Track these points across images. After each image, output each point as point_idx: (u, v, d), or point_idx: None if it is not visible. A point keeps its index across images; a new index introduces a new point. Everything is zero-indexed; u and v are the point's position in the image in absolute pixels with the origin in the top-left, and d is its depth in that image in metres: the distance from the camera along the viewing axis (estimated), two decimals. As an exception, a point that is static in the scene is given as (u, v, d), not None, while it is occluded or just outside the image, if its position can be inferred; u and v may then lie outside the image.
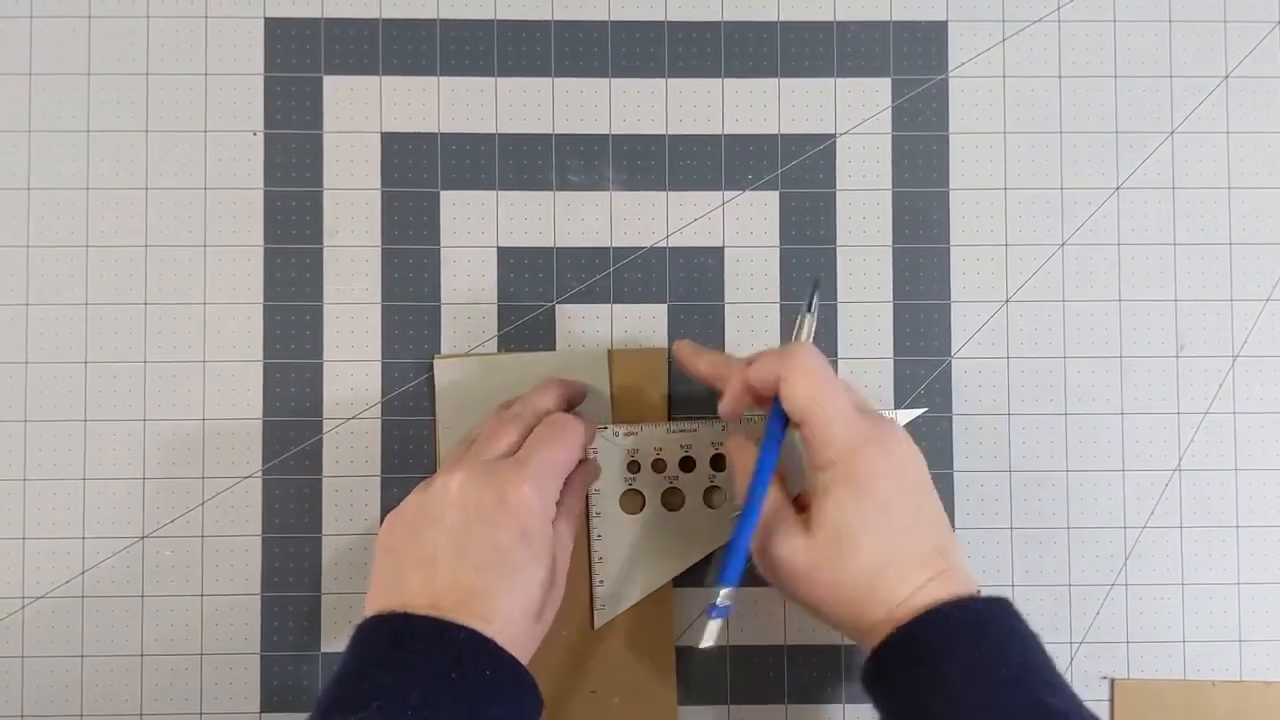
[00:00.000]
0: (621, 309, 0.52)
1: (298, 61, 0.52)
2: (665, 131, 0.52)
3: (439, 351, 0.51)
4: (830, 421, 0.41)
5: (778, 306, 0.52)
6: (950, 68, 0.53)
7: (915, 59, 0.53)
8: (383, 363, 0.51)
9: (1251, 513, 0.52)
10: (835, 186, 0.52)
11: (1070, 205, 0.53)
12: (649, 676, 0.50)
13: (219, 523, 0.50)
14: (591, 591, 0.50)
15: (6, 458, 0.50)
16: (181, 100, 0.52)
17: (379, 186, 0.52)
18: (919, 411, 0.52)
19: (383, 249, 0.52)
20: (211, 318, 0.51)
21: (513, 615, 0.41)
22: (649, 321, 0.52)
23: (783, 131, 0.52)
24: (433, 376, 0.51)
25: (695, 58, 0.52)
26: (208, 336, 0.51)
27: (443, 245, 0.52)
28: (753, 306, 0.52)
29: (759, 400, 0.44)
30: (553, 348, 0.51)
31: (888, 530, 0.41)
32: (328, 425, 0.51)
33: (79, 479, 0.50)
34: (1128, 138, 0.53)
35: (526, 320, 0.52)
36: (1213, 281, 0.53)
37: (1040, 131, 0.53)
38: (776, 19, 0.53)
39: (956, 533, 0.51)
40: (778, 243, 0.52)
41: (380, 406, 0.51)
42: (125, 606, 0.50)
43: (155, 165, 0.51)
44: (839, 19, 0.53)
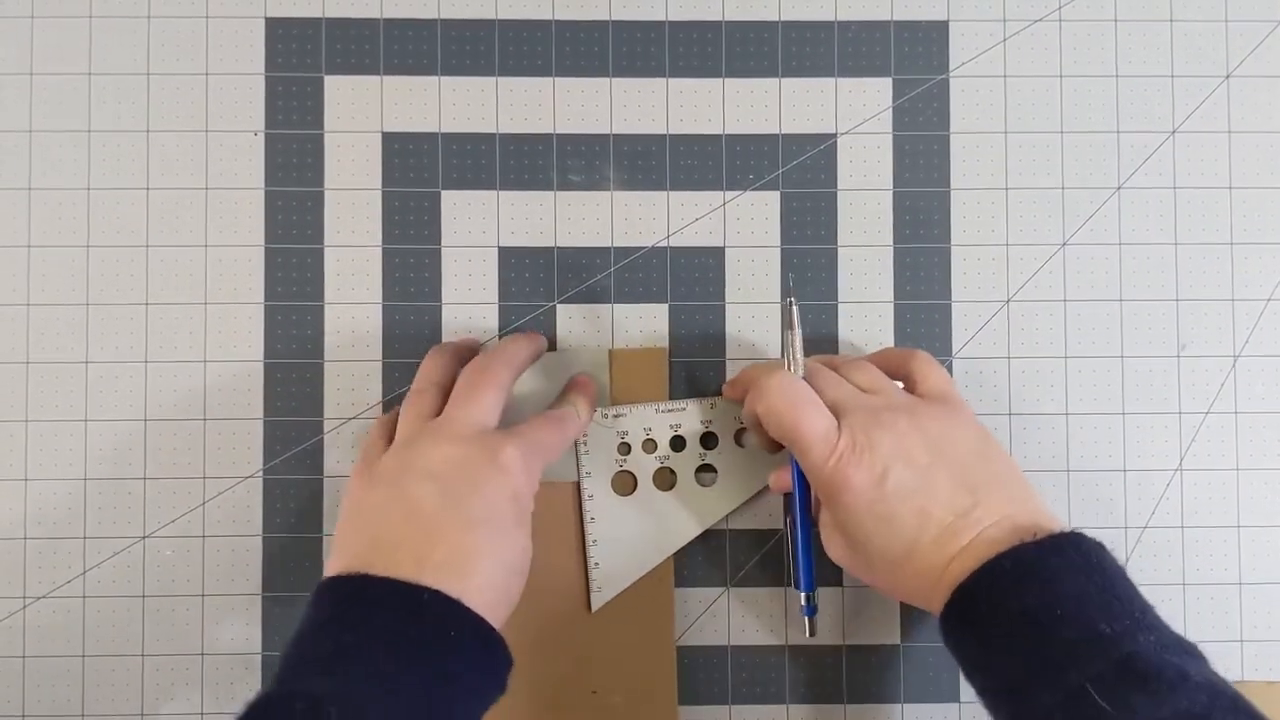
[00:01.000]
0: (622, 309, 0.52)
1: (299, 61, 0.52)
2: (666, 131, 0.52)
3: (440, 351, 0.51)
4: (803, 451, 0.43)
5: (778, 307, 0.52)
6: (951, 67, 0.53)
7: (916, 59, 0.53)
8: (383, 363, 0.51)
9: (1253, 513, 0.52)
10: (836, 186, 0.52)
11: (1071, 205, 0.53)
12: (650, 676, 0.50)
13: (220, 523, 0.51)
14: (588, 575, 0.50)
15: (8, 457, 0.50)
16: (182, 100, 0.52)
17: (380, 186, 0.52)
18: None
19: (383, 249, 0.52)
20: (212, 318, 0.51)
21: (494, 576, 0.40)
22: (650, 321, 0.52)
23: (783, 131, 0.52)
24: None
25: (696, 57, 0.52)
26: (209, 336, 0.51)
27: (444, 245, 0.52)
28: (754, 306, 0.52)
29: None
30: (554, 347, 0.51)
31: (889, 526, 0.42)
32: (328, 425, 0.51)
33: (80, 479, 0.50)
34: (1129, 137, 0.53)
35: (527, 320, 0.52)
36: (1214, 281, 0.52)
37: (1041, 131, 0.53)
38: (777, 19, 0.53)
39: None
40: (779, 243, 0.52)
41: (381, 406, 0.51)
42: (126, 606, 0.50)
43: (156, 165, 0.51)
44: (840, 19, 0.53)
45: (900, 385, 0.47)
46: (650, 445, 0.50)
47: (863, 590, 0.51)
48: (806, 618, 0.48)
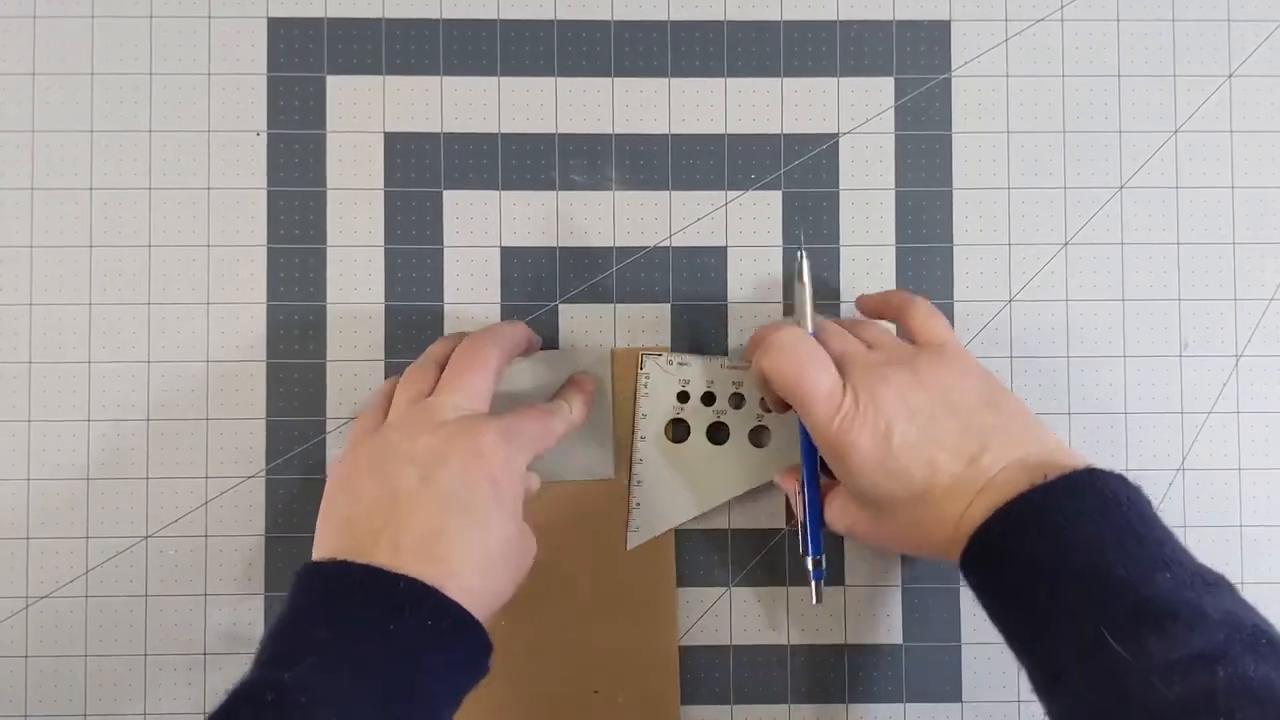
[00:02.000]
0: (624, 309, 0.52)
1: (301, 61, 0.52)
2: (668, 131, 0.52)
3: (442, 351, 0.51)
4: (807, 411, 0.43)
5: (781, 307, 0.52)
6: (953, 67, 0.53)
7: (918, 58, 0.53)
8: (386, 362, 0.51)
9: (1255, 512, 0.52)
10: (838, 186, 0.52)
11: (1073, 205, 0.53)
12: (652, 676, 0.50)
13: (223, 522, 0.51)
14: (628, 514, 0.50)
15: (10, 457, 0.50)
16: (184, 100, 0.52)
17: (382, 186, 0.52)
18: None
19: (385, 249, 0.52)
20: (215, 317, 0.51)
21: (472, 562, 0.40)
22: (652, 321, 0.52)
23: (785, 131, 0.52)
24: None
25: (698, 57, 0.52)
26: (211, 336, 0.51)
27: (446, 245, 0.52)
28: (756, 306, 0.52)
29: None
30: (556, 347, 0.51)
31: (900, 481, 0.42)
32: (331, 425, 0.51)
33: (83, 479, 0.50)
34: (1131, 137, 0.53)
35: (529, 320, 0.52)
36: (1216, 281, 0.52)
37: (1043, 131, 0.53)
38: (779, 18, 0.53)
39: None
40: (780, 242, 0.52)
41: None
42: (129, 606, 0.50)
43: (158, 165, 0.51)
44: (842, 18, 0.53)
45: (893, 329, 0.48)
46: (709, 398, 0.50)
47: (865, 589, 0.51)
48: (814, 582, 0.48)
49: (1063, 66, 0.53)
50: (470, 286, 0.52)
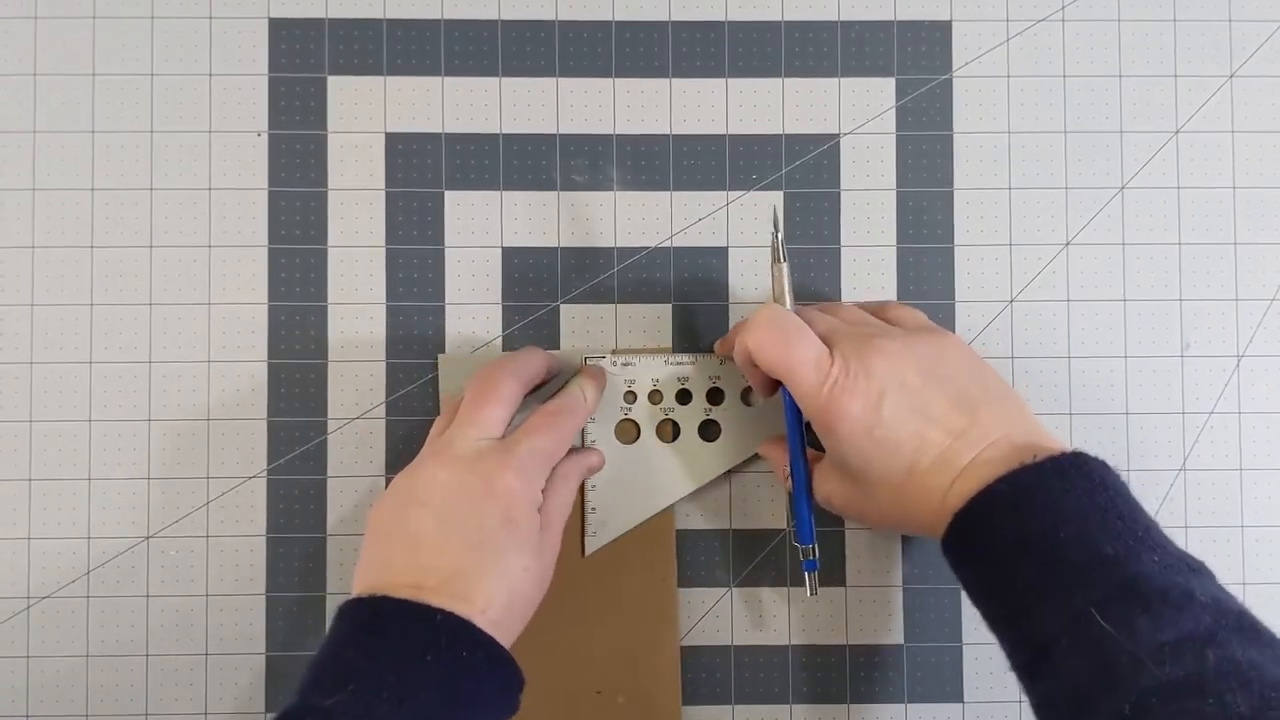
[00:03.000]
0: (626, 309, 0.52)
1: (302, 62, 0.52)
2: (669, 131, 0.52)
3: (443, 352, 0.51)
4: (796, 381, 0.43)
5: (782, 306, 0.52)
6: (955, 67, 0.53)
7: (920, 59, 0.53)
8: (387, 363, 0.51)
9: (1256, 513, 0.52)
10: (839, 186, 0.52)
11: (1075, 205, 0.53)
12: (654, 677, 0.50)
13: (224, 523, 0.51)
14: (584, 519, 0.50)
15: (12, 458, 0.50)
16: (186, 101, 0.52)
17: (383, 187, 0.52)
18: None
19: (387, 249, 0.52)
20: (216, 318, 0.51)
21: (495, 598, 0.41)
22: (653, 321, 0.52)
23: (787, 131, 0.52)
24: (437, 376, 0.51)
25: (699, 57, 0.52)
26: (212, 337, 0.51)
27: (447, 245, 0.52)
28: (757, 306, 0.52)
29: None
30: (557, 348, 0.51)
31: (887, 451, 0.42)
32: (332, 425, 0.51)
33: (84, 479, 0.51)
34: (1132, 137, 0.53)
35: (530, 320, 0.52)
36: (1218, 281, 0.52)
37: (1045, 131, 0.53)
38: (780, 19, 0.53)
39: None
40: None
41: (385, 406, 0.51)
42: (130, 606, 0.50)
43: (159, 166, 0.51)
44: (843, 19, 0.53)
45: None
46: (656, 396, 0.50)
47: (866, 589, 0.51)
48: (807, 574, 0.47)
49: (1064, 67, 0.53)
50: (471, 287, 0.52)
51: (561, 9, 0.52)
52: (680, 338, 0.52)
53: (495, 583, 0.41)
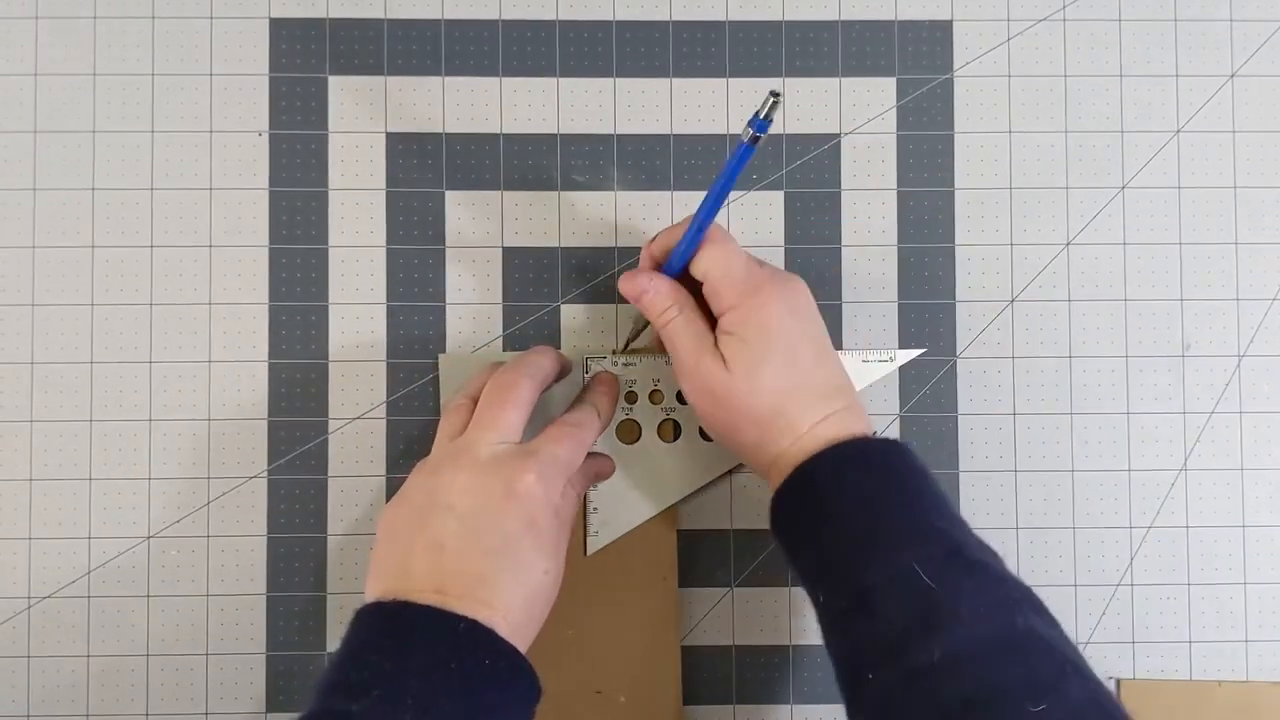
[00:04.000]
0: (626, 309, 0.52)
1: (303, 62, 0.52)
2: (670, 131, 0.52)
3: (444, 352, 0.51)
4: (729, 270, 0.44)
5: (783, 306, 0.52)
6: (955, 67, 0.53)
7: (920, 58, 0.53)
8: (388, 363, 0.51)
9: (1257, 512, 0.52)
10: (840, 186, 0.52)
11: (1075, 205, 0.53)
12: (654, 676, 0.50)
13: (224, 523, 0.51)
14: (585, 519, 0.50)
15: (13, 458, 0.50)
16: (187, 101, 0.52)
17: (384, 187, 0.52)
18: (918, 351, 0.52)
19: (388, 249, 0.52)
20: (217, 318, 0.51)
21: (516, 603, 0.41)
22: (654, 321, 0.52)
23: (788, 131, 0.52)
24: (438, 376, 0.51)
25: (700, 57, 0.52)
26: (213, 337, 0.51)
27: (448, 245, 0.52)
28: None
29: (659, 267, 0.46)
30: (558, 348, 0.51)
31: (790, 362, 0.43)
32: (333, 425, 0.51)
33: (85, 479, 0.51)
34: (1133, 137, 0.53)
35: (531, 320, 0.52)
36: (1218, 281, 0.52)
37: (1045, 131, 0.53)
38: (781, 18, 0.53)
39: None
40: (783, 242, 0.52)
41: (385, 406, 0.51)
42: (131, 606, 0.50)
43: (160, 166, 0.51)
44: (844, 18, 0.53)
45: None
46: (657, 396, 0.50)
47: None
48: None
49: (1064, 66, 0.53)
50: (472, 287, 0.52)
51: (562, 9, 0.52)
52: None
53: (516, 587, 0.41)
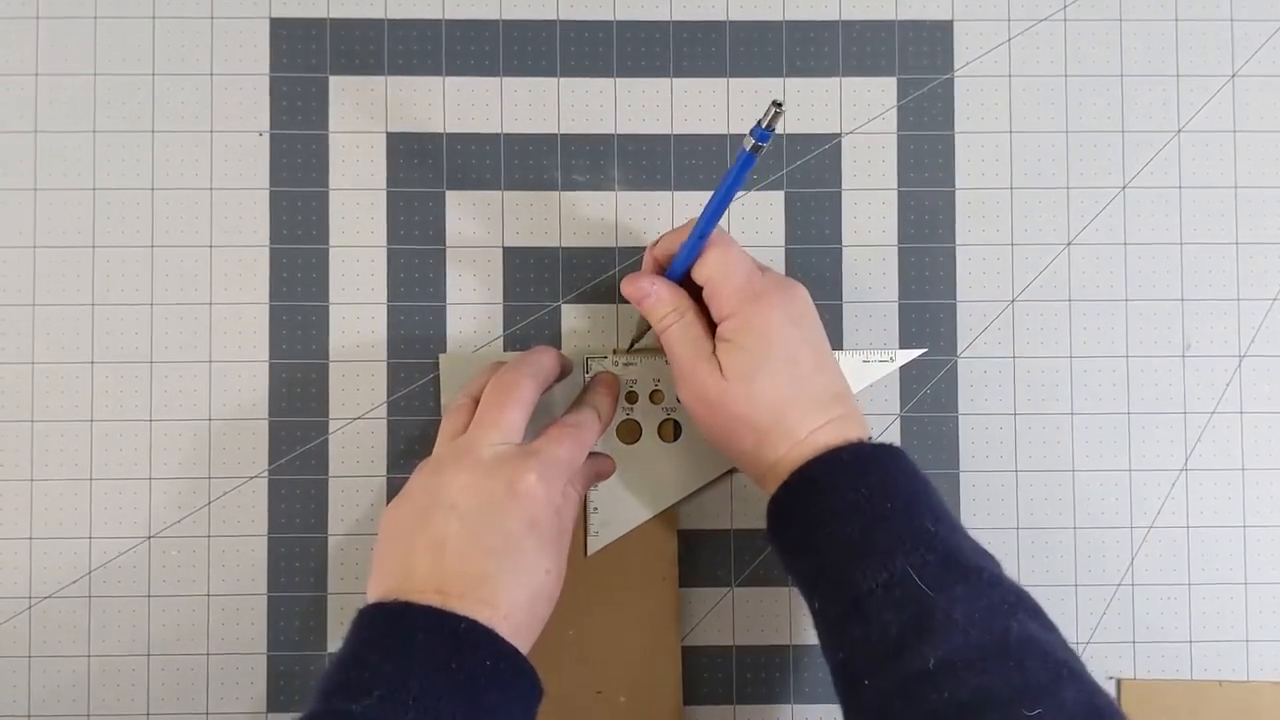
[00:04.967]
0: (627, 309, 0.52)
1: (303, 62, 0.52)
2: (670, 131, 0.52)
3: (444, 352, 0.51)
4: (730, 276, 0.44)
5: (783, 306, 0.52)
6: (956, 67, 0.53)
7: (921, 58, 0.53)
8: (388, 363, 0.51)
9: (1258, 512, 0.52)
10: (841, 186, 0.52)
11: (1076, 204, 0.53)
12: (655, 676, 0.50)
13: (225, 523, 0.51)
14: (586, 519, 0.50)
15: (14, 458, 0.51)
16: (187, 101, 0.52)
17: (385, 187, 0.52)
18: (919, 351, 0.52)
19: (388, 249, 0.52)
20: (217, 318, 0.51)
21: (518, 603, 0.41)
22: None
23: (788, 131, 0.52)
24: (438, 376, 0.51)
25: (700, 57, 0.52)
26: (214, 337, 0.51)
27: (448, 245, 0.52)
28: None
29: (661, 270, 0.46)
30: (558, 348, 0.51)
31: (790, 369, 0.43)
32: (334, 425, 0.51)
33: (86, 479, 0.51)
34: (1134, 137, 0.53)
35: (532, 320, 0.52)
36: (1219, 281, 0.52)
37: (1046, 131, 0.53)
38: (782, 18, 0.53)
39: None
40: (783, 242, 0.52)
41: (386, 406, 0.51)
42: (132, 606, 0.50)
43: (161, 166, 0.51)
44: (844, 18, 0.53)
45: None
46: (658, 396, 0.50)
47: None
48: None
49: (1065, 66, 0.53)
50: (472, 287, 0.52)
51: (563, 9, 0.52)
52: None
53: (518, 587, 0.41)
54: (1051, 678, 0.36)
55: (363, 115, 0.52)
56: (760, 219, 0.52)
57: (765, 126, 0.40)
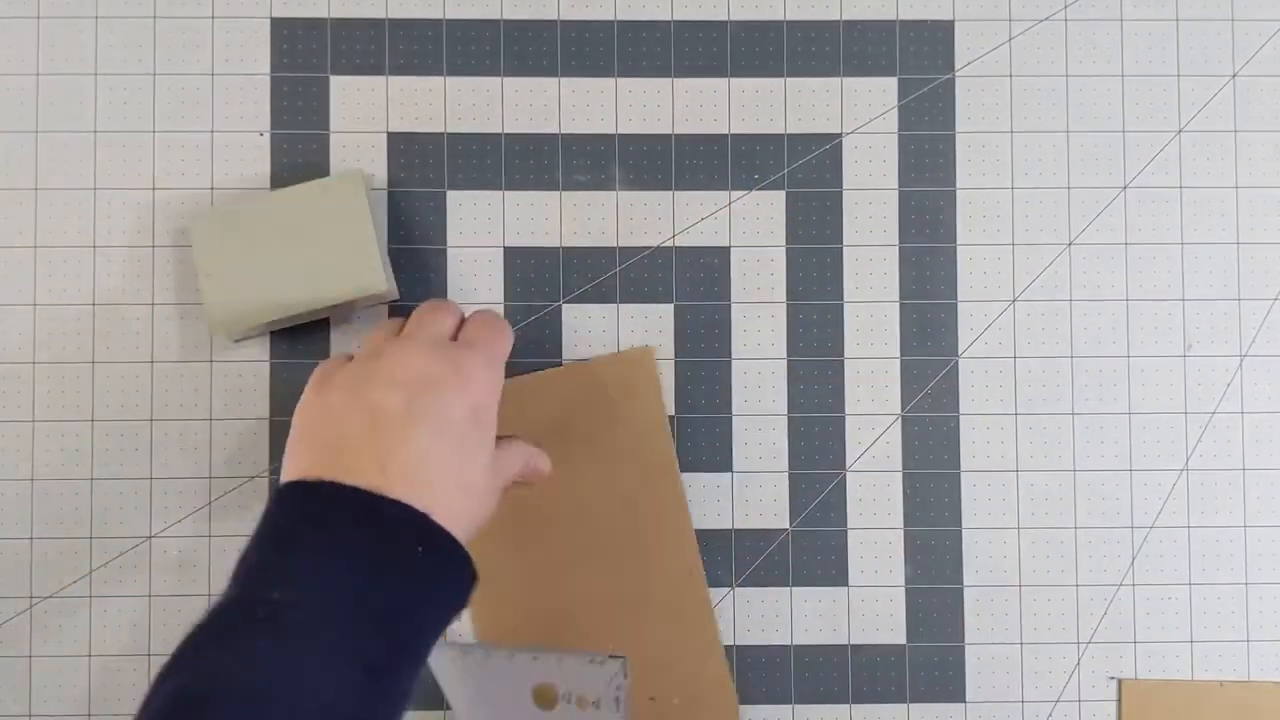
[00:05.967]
0: (628, 309, 0.52)
1: (304, 62, 0.52)
2: (671, 131, 0.52)
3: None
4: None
5: (784, 306, 0.52)
6: (957, 67, 0.53)
7: (922, 58, 0.53)
8: (389, 363, 0.51)
9: (1259, 513, 0.52)
10: (842, 186, 0.52)
11: (1077, 205, 0.53)
12: (703, 673, 0.50)
13: (226, 523, 0.51)
14: None
15: (14, 458, 0.50)
16: (188, 101, 0.52)
17: (385, 187, 0.52)
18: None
19: (389, 249, 0.52)
20: (218, 318, 0.51)
21: (457, 488, 0.40)
22: (655, 321, 0.52)
23: (789, 131, 0.52)
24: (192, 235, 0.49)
25: (701, 57, 0.52)
26: (215, 336, 0.51)
27: (449, 245, 0.52)
28: (759, 306, 0.52)
29: None
30: (559, 348, 0.51)
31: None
32: (334, 425, 0.51)
33: (86, 479, 0.50)
34: (1135, 137, 0.53)
35: (532, 320, 0.52)
36: (1220, 281, 0.52)
37: (1047, 131, 0.53)
38: (783, 18, 0.53)
39: (963, 532, 0.51)
40: (784, 243, 0.52)
41: (387, 406, 0.51)
42: (132, 606, 0.50)
43: (162, 166, 0.51)
44: (845, 18, 0.53)
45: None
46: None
47: (869, 589, 0.51)
48: None
49: (1066, 66, 0.53)
50: (474, 287, 0.52)
51: (564, 9, 0.52)
52: (681, 339, 0.52)
53: (458, 473, 0.40)
54: None
55: (363, 115, 0.52)
56: (760, 219, 0.52)
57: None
